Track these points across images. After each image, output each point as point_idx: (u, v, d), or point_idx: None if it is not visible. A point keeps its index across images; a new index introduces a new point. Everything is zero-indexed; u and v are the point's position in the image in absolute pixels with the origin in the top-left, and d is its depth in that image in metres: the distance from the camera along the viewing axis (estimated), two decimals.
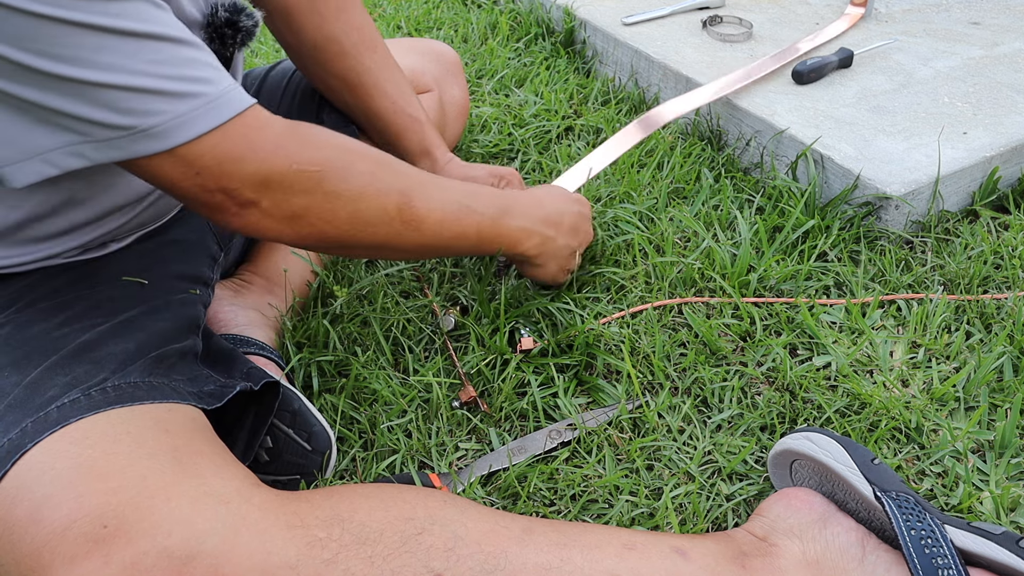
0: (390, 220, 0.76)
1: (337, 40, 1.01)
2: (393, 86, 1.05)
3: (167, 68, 0.61)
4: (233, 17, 0.81)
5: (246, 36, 0.83)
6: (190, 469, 0.61)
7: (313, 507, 0.61)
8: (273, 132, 0.69)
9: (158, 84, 0.61)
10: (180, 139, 0.63)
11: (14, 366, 0.67)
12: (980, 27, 1.56)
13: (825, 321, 1.01)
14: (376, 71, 1.04)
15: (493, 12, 1.88)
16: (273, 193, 0.69)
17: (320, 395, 0.94)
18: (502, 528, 0.65)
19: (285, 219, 0.71)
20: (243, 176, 0.67)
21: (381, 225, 0.76)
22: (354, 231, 0.75)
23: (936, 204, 1.16)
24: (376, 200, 0.75)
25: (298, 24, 1.00)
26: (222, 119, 0.65)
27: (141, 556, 0.55)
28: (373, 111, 1.05)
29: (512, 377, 0.94)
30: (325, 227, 0.74)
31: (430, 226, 0.79)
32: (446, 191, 0.81)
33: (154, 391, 0.67)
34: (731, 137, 1.35)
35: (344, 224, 0.74)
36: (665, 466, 0.86)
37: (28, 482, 0.58)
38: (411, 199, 0.77)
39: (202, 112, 0.63)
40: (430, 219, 0.79)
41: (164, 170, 0.65)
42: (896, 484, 0.72)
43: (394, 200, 0.76)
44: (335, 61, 1.02)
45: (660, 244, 1.13)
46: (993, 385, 0.92)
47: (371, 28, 1.04)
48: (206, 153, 0.65)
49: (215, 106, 0.64)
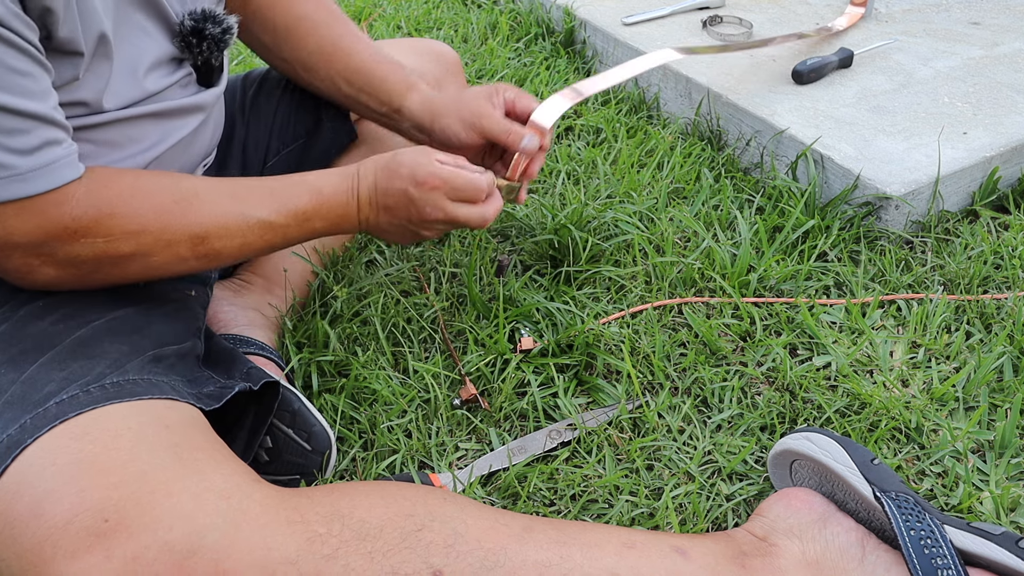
0: (185, 260, 0.77)
1: (308, 17, 1.02)
2: (367, 43, 1.05)
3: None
4: (199, 25, 0.81)
5: (213, 44, 0.83)
6: (191, 465, 0.61)
7: (313, 503, 0.61)
8: (70, 207, 0.69)
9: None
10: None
11: (11, 363, 0.67)
12: (980, 27, 1.56)
13: (825, 321, 1.01)
14: (349, 36, 1.04)
15: (493, 12, 1.88)
16: (58, 261, 0.70)
17: (320, 395, 0.94)
18: (502, 526, 0.65)
19: (75, 279, 0.73)
20: (27, 247, 0.68)
21: (177, 265, 0.77)
22: (150, 275, 0.77)
23: (936, 204, 1.16)
24: (167, 250, 0.76)
25: (269, 14, 1.01)
26: (24, 193, 0.65)
27: (143, 550, 0.55)
28: (353, 68, 1.04)
29: (512, 377, 0.94)
30: (117, 279, 0.75)
31: (229, 253, 0.80)
32: (245, 214, 0.80)
33: (153, 387, 0.68)
34: (731, 137, 1.35)
35: (138, 274, 0.76)
36: (665, 466, 0.86)
37: (29, 477, 0.58)
38: (205, 238, 0.78)
39: (3, 182, 0.64)
40: (229, 248, 0.80)
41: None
42: (896, 484, 0.71)
43: (186, 244, 0.77)
44: (309, 37, 1.02)
45: (660, 244, 1.13)
46: (993, 385, 0.92)
47: (336, 7, 1.06)
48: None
49: (21, 180, 0.65)
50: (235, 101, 1.08)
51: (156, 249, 0.75)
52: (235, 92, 1.09)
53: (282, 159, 1.09)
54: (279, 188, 0.83)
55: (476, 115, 0.97)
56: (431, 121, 1.00)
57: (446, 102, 1.00)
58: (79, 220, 0.69)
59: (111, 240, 0.72)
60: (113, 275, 0.74)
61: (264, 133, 1.08)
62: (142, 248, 0.74)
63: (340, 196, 0.86)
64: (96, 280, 0.74)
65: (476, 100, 0.98)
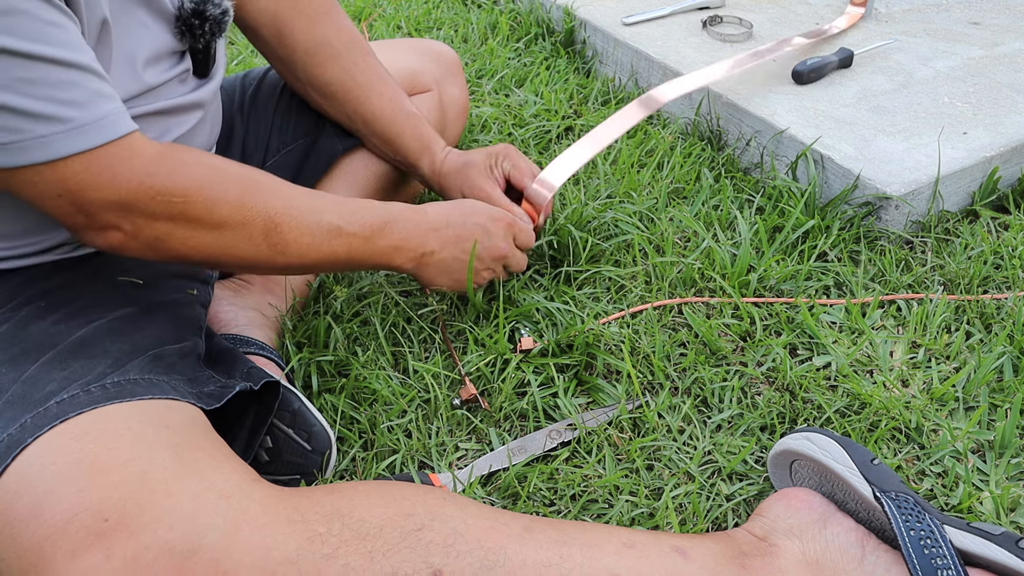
0: (256, 245, 0.77)
1: (329, 43, 1.02)
2: (387, 86, 1.06)
3: (34, 88, 0.62)
4: (199, 7, 0.81)
5: (214, 25, 0.83)
6: (191, 465, 0.61)
7: (313, 503, 0.61)
8: (141, 161, 0.69)
9: (19, 102, 0.61)
10: (38, 158, 0.63)
11: (11, 362, 0.67)
12: (980, 27, 1.56)
13: (825, 321, 1.01)
14: (369, 73, 1.05)
15: (493, 12, 1.88)
16: (134, 219, 0.70)
17: (320, 395, 0.94)
18: (502, 525, 0.65)
19: (147, 243, 0.72)
20: (103, 202, 0.68)
21: (247, 249, 0.77)
22: (219, 254, 0.76)
23: (936, 204, 1.16)
24: (241, 227, 0.75)
25: (288, 31, 1.00)
26: (87, 145, 0.65)
27: (143, 550, 0.55)
28: (371, 113, 1.05)
29: (512, 377, 0.94)
30: (188, 252, 0.75)
31: (297, 249, 0.80)
32: (318, 213, 0.81)
33: (154, 387, 0.68)
34: (731, 137, 1.35)
35: (208, 249, 0.75)
36: (665, 466, 0.86)
37: (29, 477, 0.58)
38: (278, 225, 0.78)
39: (65, 136, 0.64)
40: (298, 243, 0.80)
41: (23, 186, 0.66)
42: (896, 484, 0.71)
43: (260, 226, 0.76)
44: (328, 65, 1.03)
45: (660, 244, 1.13)
46: (993, 385, 0.92)
47: (355, 29, 1.06)
48: (69, 177, 0.65)
49: (82, 131, 0.64)
50: (234, 101, 1.08)
51: (232, 222, 0.74)
52: (234, 92, 1.09)
53: (282, 158, 1.09)
54: (349, 200, 0.86)
55: (476, 199, 1.03)
56: (438, 188, 1.09)
57: (450, 175, 1.07)
58: (153, 176, 0.69)
59: (187, 201, 0.71)
60: (187, 244, 0.74)
61: (264, 132, 1.08)
62: (218, 217, 0.74)
63: (409, 221, 0.89)
64: (169, 248, 0.73)
65: (478, 179, 1.05)
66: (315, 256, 0.81)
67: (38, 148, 0.63)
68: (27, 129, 0.62)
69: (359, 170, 1.11)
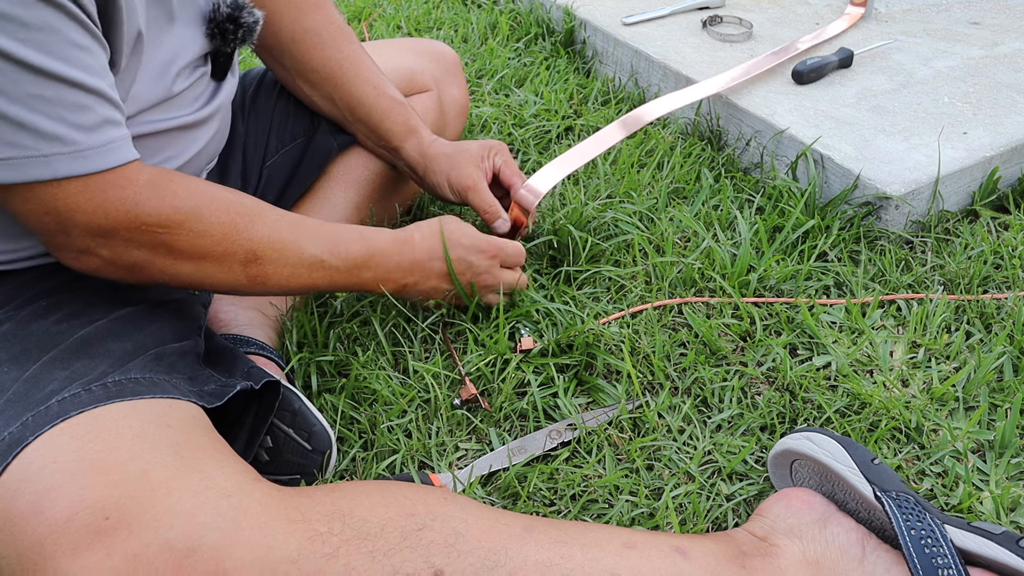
0: (235, 276, 0.78)
1: (315, 31, 1.03)
2: (372, 72, 1.07)
3: (47, 106, 0.62)
4: (235, 13, 0.81)
5: (247, 32, 0.83)
6: (191, 463, 0.61)
7: (314, 502, 0.61)
8: (132, 190, 0.69)
9: (30, 118, 0.61)
10: (37, 177, 0.64)
11: (13, 361, 0.67)
12: (980, 27, 1.56)
13: (825, 321, 1.01)
14: (354, 59, 1.05)
15: (493, 12, 1.88)
16: (114, 246, 0.70)
17: (320, 395, 0.94)
18: (502, 525, 0.65)
19: (124, 268, 0.73)
20: (88, 226, 0.68)
21: (226, 279, 0.78)
22: (197, 283, 0.77)
23: (936, 204, 1.16)
24: (222, 259, 0.76)
25: (276, 20, 1.01)
26: (87, 170, 0.65)
27: (143, 548, 0.55)
28: (356, 98, 1.06)
29: (512, 377, 0.94)
30: (166, 279, 0.75)
31: (277, 280, 0.81)
32: (301, 246, 0.81)
33: (155, 387, 0.68)
34: (731, 137, 1.35)
35: (187, 277, 0.76)
36: (665, 466, 0.86)
37: (29, 475, 0.58)
38: (260, 257, 0.78)
39: (67, 158, 0.64)
40: (278, 275, 0.80)
41: (14, 200, 0.66)
42: (896, 484, 0.71)
43: (241, 259, 0.77)
44: (314, 52, 1.03)
45: (660, 244, 1.13)
46: (993, 385, 0.92)
47: (344, 21, 1.07)
48: (61, 198, 0.65)
49: (84, 156, 0.65)
50: (235, 101, 1.09)
51: (213, 255, 0.75)
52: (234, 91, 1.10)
53: (281, 158, 1.09)
54: (334, 231, 0.86)
55: (463, 186, 1.05)
56: (423, 170, 1.07)
57: (439, 158, 1.06)
58: (141, 206, 0.69)
59: (171, 233, 0.72)
60: (166, 273, 0.74)
61: (263, 132, 1.09)
62: (199, 249, 0.74)
63: (393, 255, 0.89)
64: (146, 275, 0.74)
65: (467, 166, 1.05)
66: (294, 285, 0.82)
67: (39, 166, 0.63)
68: (30, 146, 0.62)
69: (356, 169, 1.11)
